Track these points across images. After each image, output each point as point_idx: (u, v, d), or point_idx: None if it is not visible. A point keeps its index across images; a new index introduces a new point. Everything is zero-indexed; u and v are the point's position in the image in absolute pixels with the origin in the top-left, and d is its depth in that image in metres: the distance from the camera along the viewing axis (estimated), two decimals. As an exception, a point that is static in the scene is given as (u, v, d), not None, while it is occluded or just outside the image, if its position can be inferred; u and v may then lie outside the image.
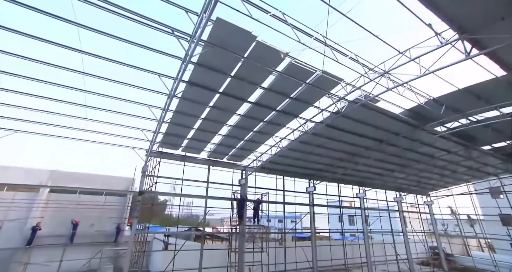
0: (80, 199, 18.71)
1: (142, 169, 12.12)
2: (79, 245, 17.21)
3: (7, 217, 15.77)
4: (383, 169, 17.80)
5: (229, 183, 14.60)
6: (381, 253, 20.91)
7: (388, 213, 23.01)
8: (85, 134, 10.44)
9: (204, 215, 13.05)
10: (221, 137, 11.73)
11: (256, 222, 13.30)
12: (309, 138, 12.21)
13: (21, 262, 15.27)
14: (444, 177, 19.74)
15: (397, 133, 11.95)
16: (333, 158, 15.15)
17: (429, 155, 14.83)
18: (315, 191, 17.58)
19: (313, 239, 16.64)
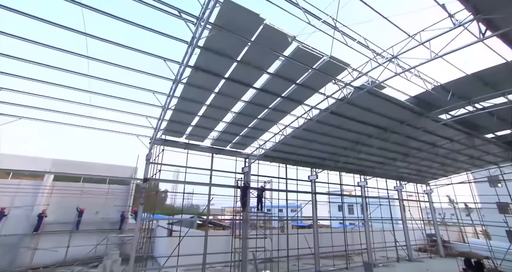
0: (84, 187, 18.90)
1: (146, 156, 12.17)
2: (85, 232, 17.55)
3: (13, 204, 15.99)
4: (385, 158, 17.91)
5: (232, 171, 14.70)
6: (380, 240, 21.36)
7: (388, 202, 23.39)
8: (89, 121, 10.40)
9: (208, 202, 13.20)
10: (225, 124, 11.71)
11: (260, 209, 13.49)
12: (313, 126, 12.20)
13: (30, 248, 15.60)
14: (444, 166, 19.91)
15: (401, 121, 11.94)
16: (336, 146, 15.20)
17: (431, 143, 14.88)
18: (317, 179, 17.77)
19: (315, 226, 16.96)
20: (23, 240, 15.80)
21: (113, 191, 19.62)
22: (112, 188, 19.85)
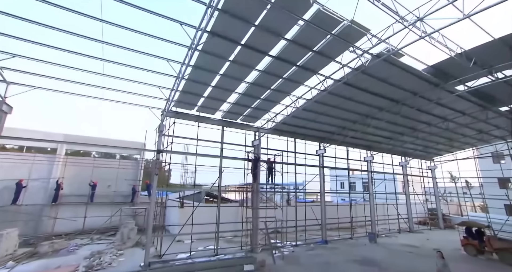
0: (95, 161, 19.34)
1: (158, 128, 12.28)
2: (99, 204, 18.27)
3: (30, 177, 16.51)
4: (393, 132, 17.96)
5: (241, 144, 14.87)
6: (383, 213, 22.08)
7: (393, 177, 23.90)
8: (101, 92, 10.35)
9: (220, 174, 13.50)
10: (237, 95, 11.64)
11: (270, 180, 13.84)
12: (325, 97, 12.11)
13: (51, 217, 16.39)
14: (452, 141, 19.97)
15: (415, 93, 11.79)
16: (346, 119, 15.19)
17: (442, 117, 14.80)
18: (325, 153, 18.00)
19: (322, 199, 17.51)
20: (44, 209, 16.57)
21: (123, 166, 20.09)
22: (122, 162, 20.30)
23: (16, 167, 16.39)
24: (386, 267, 11.45)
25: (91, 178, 18.30)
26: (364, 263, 11.98)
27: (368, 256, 13.40)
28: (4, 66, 8.36)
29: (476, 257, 13.64)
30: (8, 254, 11.40)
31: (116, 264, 10.93)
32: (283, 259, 12.26)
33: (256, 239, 13.29)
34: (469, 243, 14.19)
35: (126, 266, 10.24)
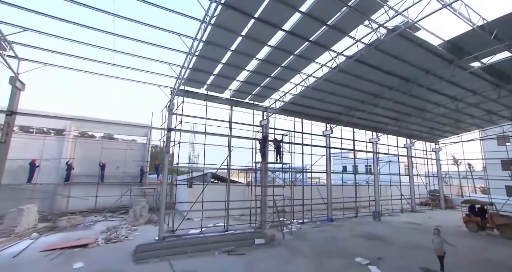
0: (104, 143, 19.57)
1: (168, 107, 12.30)
2: (109, 184, 18.74)
3: (42, 157, 16.83)
4: (400, 113, 17.88)
5: (249, 123, 14.93)
6: (386, 194, 22.48)
7: (397, 158, 24.11)
8: (112, 69, 10.28)
9: (229, 154, 13.67)
10: (247, 73, 11.53)
11: (278, 159, 14.04)
12: (335, 76, 11.98)
13: (64, 195, 16.90)
14: (459, 122, 19.90)
15: (427, 71, 11.60)
16: (354, 99, 15.10)
17: (452, 96, 14.66)
18: (331, 134, 18.09)
19: (328, 178, 17.83)
20: (57, 188, 17.06)
21: (131, 147, 20.35)
22: (130, 144, 20.54)
23: (27, 147, 16.68)
24: (390, 241, 11.88)
25: (100, 159, 18.64)
26: (369, 238, 12.42)
27: (373, 232, 13.86)
28: (14, 41, 8.27)
29: (477, 233, 14.07)
30: (29, 228, 11.93)
31: (132, 237, 11.42)
32: (291, 234, 12.72)
33: (264, 216, 13.72)
34: (471, 220, 14.59)
35: (142, 239, 10.67)
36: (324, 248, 10.41)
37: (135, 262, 8.31)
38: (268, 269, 7.92)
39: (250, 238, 11.14)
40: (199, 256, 9.02)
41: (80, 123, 18.83)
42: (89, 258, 8.49)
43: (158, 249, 9.22)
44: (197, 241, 10.44)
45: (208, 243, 10.28)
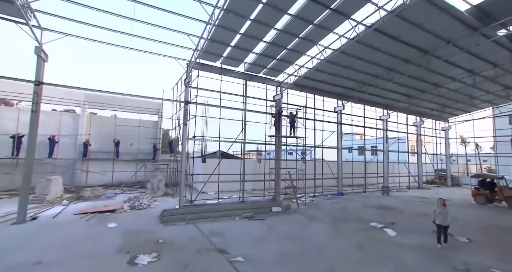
0: (117, 121, 19.89)
1: (184, 80, 12.40)
2: (124, 160, 19.30)
3: (60, 133, 17.28)
4: (413, 89, 17.70)
5: (263, 98, 15.00)
6: (394, 171, 22.81)
7: (406, 136, 24.19)
8: (129, 39, 10.25)
9: (244, 127, 13.87)
10: (264, 44, 11.42)
11: (293, 133, 14.25)
12: (352, 48, 11.82)
13: (83, 170, 17.54)
14: (472, 99, 19.67)
15: (448, 41, 11.33)
16: (368, 73, 14.94)
17: (470, 70, 14.40)
18: (343, 110, 18.11)
19: (339, 154, 18.11)
20: (76, 163, 17.69)
21: (143, 124, 20.66)
22: (142, 122, 20.81)
23: (45, 124, 17.00)
24: (401, 211, 12.33)
25: (114, 136, 19.04)
26: (380, 208, 12.89)
27: (383, 203, 14.34)
28: (37, 9, 8.26)
29: (484, 205, 14.46)
30: (57, 197, 12.61)
31: (154, 206, 12.02)
32: (305, 205, 13.25)
33: (278, 188, 14.20)
34: (480, 193, 14.93)
35: (163, 208, 11.21)
36: (339, 215, 10.89)
37: (163, 224, 8.85)
38: (290, 231, 8.40)
39: (267, 207, 11.67)
40: (221, 221, 9.55)
41: (93, 99, 19.00)
42: (120, 220, 9.07)
43: (182, 213, 9.76)
44: (217, 207, 10.98)
45: (228, 209, 10.82)
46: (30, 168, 8.63)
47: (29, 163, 8.66)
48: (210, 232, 7.97)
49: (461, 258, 6.20)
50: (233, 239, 7.27)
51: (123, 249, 6.27)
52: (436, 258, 6.14)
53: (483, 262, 5.98)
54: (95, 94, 19.13)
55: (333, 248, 6.85)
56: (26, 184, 8.57)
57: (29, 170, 8.64)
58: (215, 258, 5.95)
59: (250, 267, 5.42)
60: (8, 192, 13.55)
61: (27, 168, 8.62)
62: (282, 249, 6.60)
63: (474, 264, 5.85)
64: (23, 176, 8.65)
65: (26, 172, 8.63)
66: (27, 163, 8.66)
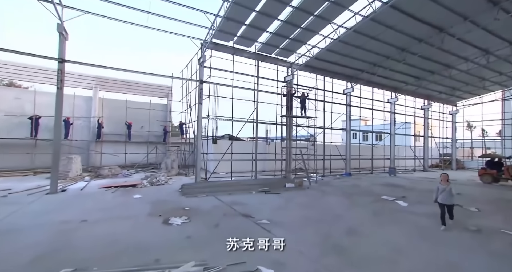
0: (128, 104, 20.14)
1: (198, 60, 12.55)
2: (136, 142, 19.74)
3: (74, 116, 17.65)
4: (423, 70, 17.60)
5: (274, 79, 15.13)
6: (399, 154, 23.11)
7: (414, 119, 24.28)
8: (146, 17, 10.32)
9: (256, 107, 14.07)
10: (279, 23, 11.41)
11: (304, 113, 14.48)
12: (365, 26, 11.76)
13: (97, 152, 18.06)
14: (484, 81, 19.54)
15: (466, 17, 11.21)
16: (379, 54, 14.88)
17: (484, 49, 14.27)
18: (352, 92, 18.19)
19: (347, 136, 18.39)
20: (90, 145, 18.19)
21: (154, 107, 20.94)
22: (153, 105, 21.06)
23: (59, 107, 17.40)
24: (409, 188, 12.73)
25: (126, 118, 19.38)
26: (389, 186, 13.30)
27: (391, 182, 14.77)
28: (57, -16, 8.35)
29: (490, 184, 14.79)
30: (77, 175, 13.16)
31: (171, 183, 12.53)
32: (316, 182, 13.70)
33: (289, 167, 14.62)
34: (487, 172, 15.23)
35: (180, 184, 11.65)
36: (351, 191, 11.33)
37: (184, 196, 9.33)
38: (306, 202, 8.84)
39: (280, 183, 12.14)
40: (238, 194, 10.00)
41: (105, 82, 19.22)
42: (143, 193, 9.56)
43: (201, 187, 10.26)
44: (233, 183, 11.46)
45: (243, 185, 11.30)
46: (58, 140, 9.14)
47: (58, 136, 9.13)
48: (231, 202, 8.44)
49: (472, 222, 6.60)
50: (254, 208, 7.72)
51: (154, 213, 6.74)
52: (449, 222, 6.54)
53: (492, 225, 6.37)
54: (107, 77, 19.37)
55: (350, 214, 7.28)
56: (56, 159, 9.06)
57: (58, 143, 9.09)
58: (241, 220, 6.40)
59: (276, 227, 5.86)
60: (31, 170, 14.14)
61: (56, 141, 9.07)
62: (302, 215, 7.04)
63: (485, 226, 6.24)
64: (53, 150, 9.11)
65: (55, 147, 9.07)
66: (56, 135, 9.15)
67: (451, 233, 5.75)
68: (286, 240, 5.02)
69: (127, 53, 63.72)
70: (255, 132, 14.04)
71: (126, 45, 64.26)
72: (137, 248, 4.35)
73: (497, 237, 5.54)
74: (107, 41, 61.21)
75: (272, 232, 5.46)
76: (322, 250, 4.60)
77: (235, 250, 4.17)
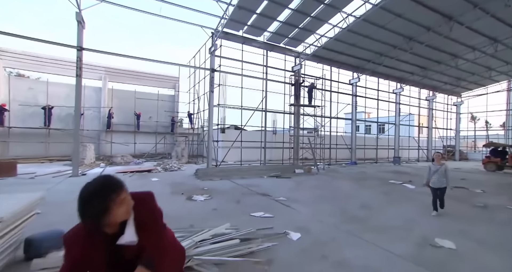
0: (137, 94, 20.41)
1: (209, 49, 12.75)
2: (144, 133, 20.12)
3: (84, 106, 17.95)
4: (429, 60, 17.68)
5: (282, 69, 15.33)
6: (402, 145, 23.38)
7: (418, 111, 24.44)
8: (160, 6, 10.49)
9: (265, 95, 14.32)
10: (289, 11, 11.55)
11: (311, 102, 14.73)
12: (374, 15, 11.89)
13: (107, 141, 18.46)
14: (490, 70, 19.59)
15: (476, 4, 11.29)
16: (386, 43, 14.98)
17: (493, 37, 14.34)
18: (358, 82, 18.35)
19: (353, 125, 18.65)
20: (101, 135, 18.57)
21: (161, 98, 21.21)
22: (160, 96, 21.32)
23: (70, 98, 17.60)
24: (415, 174, 13.04)
25: (134, 109, 19.69)
26: (395, 173, 13.64)
27: (396, 169, 15.12)
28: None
29: (494, 172, 15.09)
30: (91, 162, 13.57)
31: (183, 169, 12.92)
32: (324, 169, 14.06)
33: (297, 155, 14.97)
34: (491, 160, 15.52)
35: (192, 170, 11.97)
36: (359, 176, 11.68)
37: (199, 179, 9.71)
38: (318, 185, 9.19)
39: (290, 168, 12.50)
40: (251, 178, 10.38)
41: (112, 75, 19.47)
42: (159, 177, 9.95)
43: (215, 171, 10.65)
44: (245, 168, 11.84)
45: (254, 170, 11.67)
46: (77, 127, 9.46)
47: (77, 123, 9.46)
48: (245, 184, 8.81)
49: (478, 200, 6.94)
50: (269, 189, 8.08)
51: (176, 192, 7.13)
52: (456, 201, 6.87)
53: (498, 203, 6.71)
54: (116, 67, 19.59)
55: (362, 194, 7.64)
56: (77, 145, 9.46)
57: (77, 130, 9.43)
58: (260, 198, 6.77)
59: (294, 203, 6.22)
60: (46, 158, 14.58)
61: (76, 128, 9.42)
62: (316, 194, 7.40)
63: (491, 203, 6.58)
64: (74, 136, 9.51)
65: (75, 134, 9.44)
66: (76, 123, 9.48)
67: (459, 208, 6.09)
68: (305, 212, 5.39)
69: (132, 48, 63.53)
70: (263, 121, 14.35)
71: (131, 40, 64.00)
72: (169, 216, 4.70)
73: (503, 212, 5.88)
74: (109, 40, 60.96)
75: (291, 207, 5.82)
76: (340, 220, 4.96)
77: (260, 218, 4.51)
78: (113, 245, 1.17)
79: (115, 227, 1.18)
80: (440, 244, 3.78)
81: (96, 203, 1.07)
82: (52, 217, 4.55)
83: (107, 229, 1.18)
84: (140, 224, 1.20)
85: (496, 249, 3.69)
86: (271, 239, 3.78)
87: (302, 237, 3.94)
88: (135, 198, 1.22)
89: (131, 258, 1.20)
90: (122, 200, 1.13)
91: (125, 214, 1.16)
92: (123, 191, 1.15)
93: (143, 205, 1.25)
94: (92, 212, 1.07)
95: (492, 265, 3.20)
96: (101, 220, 1.09)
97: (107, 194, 1.10)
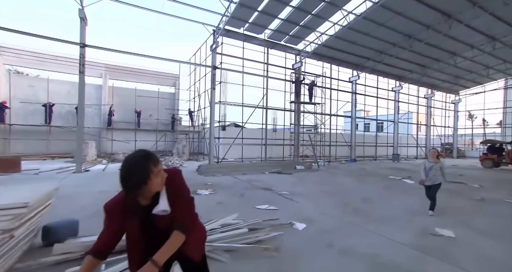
0: (137, 92, 20.42)
1: (211, 46, 12.81)
2: (145, 130, 20.16)
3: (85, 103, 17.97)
4: (428, 58, 17.83)
5: (282, 66, 15.43)
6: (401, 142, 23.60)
7: (417, 108, 24.65)
8: (162, 2, 10.54)
9: (266, 92, 14.42)
10: (290, 9, 11.63)
11: (312, 99, 14.85)
12: (375, 13, 12.00)
13: (108, 139, 18.50)
14: (488, 68, 19.79)
15: (475, 2, 11.43)
16: (386, 41, 15.10)
17: (491, 35, 14.49)
18: (358, 79, 18.48)
19: (352, 122, 18.80)
20: (101, 132, 18.61)
21: (162, 96, 21.24)
22: (161, 94, 21.35)
23: (70, 95, 17.70)
24: (414, 171, 13.19)
25: (135, 106, 19.72)
26: (394, 169, 13.81)
27: (396, 166, 15.29)
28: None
29: (491, 168, 15.32)
30: (93, 159, 13.64)
31: (185, 165, 13.02)
32: (324, 166, 14.21)
33: (297, 151, 15.10)
34: (488, 157, 15.73)
35: (193, 167, 12.05)
36: (359, 173, 11.84)
37: (202, 175, 9.82)
38: (320, 180, 9.33)
39: (291, 165, 12.64)
40: (252, 174, 10.50)
41: (114, 70, 19.47)
42: (163, 173, 10.03)
43: (217, 168, 10.75)
44: (246, 164, 11.97)
45: (255, 166, 11.80)
46: (81, 124, 9.48)
47: (81, 120, 9.50)
48: (248, 179, 8.94)
49: (476, 194, 7.11)
50: (272, 184, 8.21)
51: (181, 187, 7.22)
52: (456, 194, 7.03)
53: (496, 197, 6.87)
54: (116, 65, 19.60)
55: (363, 188, 7.79)
56: (80, 142, 9.55)
57: (81, 127, 9.48)
58: (263, 192, 6.90)
59: (297, 196, 6.35)
60: (47, 155, 14.63)
61: (79, 125, 9.48)
62: (318, 189, 7.54)
63: (488, 197, 6.74)
64: (77, 133, 9.58)
65: (79, 131, 9.50)
66: (79, 119, 9.52)
67: (458, 201, 6.26)
68: (308, 205, 5.53)
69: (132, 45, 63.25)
70: (264, 118, 14.46)
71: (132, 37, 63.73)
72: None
73: (500, 204, 6.05)
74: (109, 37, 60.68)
75: (294, 200, 5.96)
76: (343, 212, 5.10)
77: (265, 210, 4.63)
78: (148, 215, 1.28)
79: (149, 198, 1.29)
80: (440, 233, 3.93)
81: (138, 171, 1.19)
82: (61, 210, 4.63)
83: (142, 200, 1.29)
84: (171, 196, 1.31)
85: (494, 237, 3.85)
86: (278, 229, 3.90)
87: (307, 227, 4.07)
88: (167, 172, 1.34)
89: (164, 228, 1.31)
90: (158, 171, 1.25)
91: (159, 185, 1.28)
92: (159, 164, 1.27)
93: (174, 180, 1.36)
94: (134, 180, 1.19)
95: (490, 251, 3.35)
96: (141, 188, 1.21)
97: (147, 165, 1.21)
